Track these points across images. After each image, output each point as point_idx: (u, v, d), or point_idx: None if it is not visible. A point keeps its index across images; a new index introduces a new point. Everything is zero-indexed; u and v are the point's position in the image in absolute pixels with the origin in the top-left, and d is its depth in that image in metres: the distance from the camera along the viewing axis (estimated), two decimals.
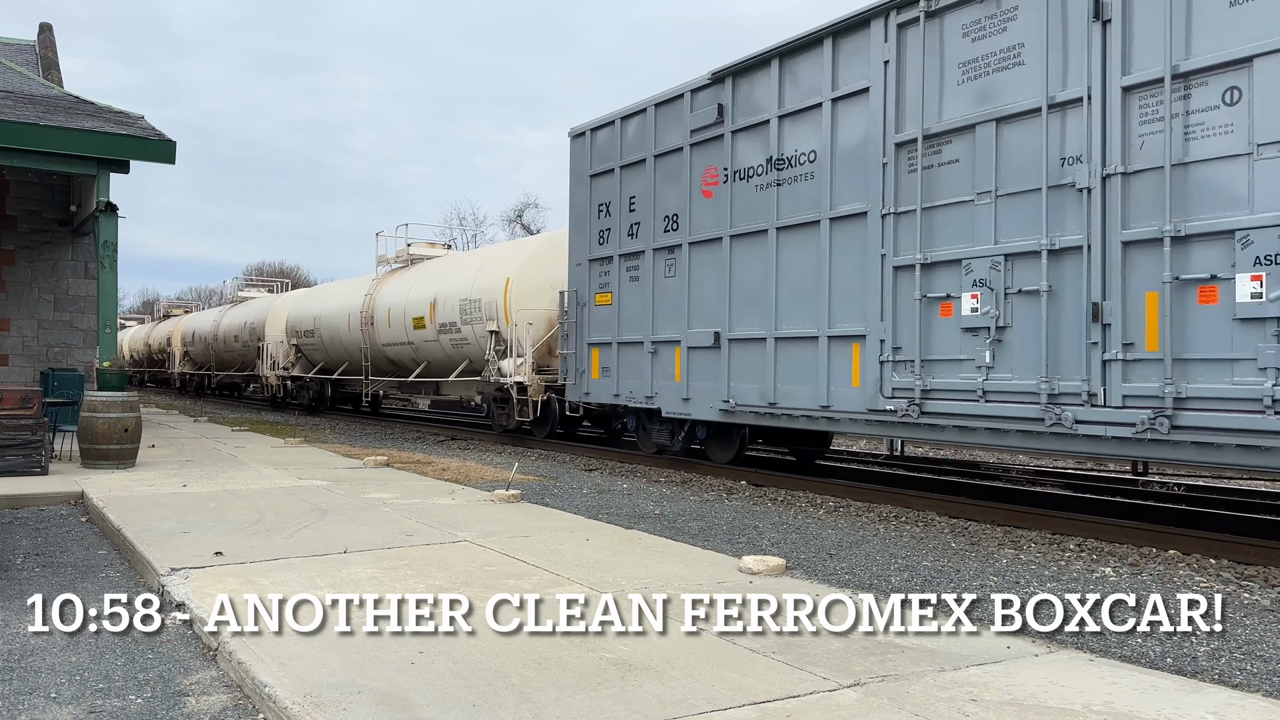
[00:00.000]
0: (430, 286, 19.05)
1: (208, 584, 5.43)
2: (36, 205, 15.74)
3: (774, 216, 10.36)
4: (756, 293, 10.59)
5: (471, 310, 17.18)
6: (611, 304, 13.00)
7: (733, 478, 11.71)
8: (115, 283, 12.84)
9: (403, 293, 20.24)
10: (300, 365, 26.14)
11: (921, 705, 3.70)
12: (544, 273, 15.99)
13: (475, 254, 19.74)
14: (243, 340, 30.66)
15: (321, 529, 7.30)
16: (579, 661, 4.16)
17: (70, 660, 4.46)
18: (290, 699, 3.64)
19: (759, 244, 10.58)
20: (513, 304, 16.01)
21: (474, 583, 5.56)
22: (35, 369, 15.34)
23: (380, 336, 20.92)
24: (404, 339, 19.91)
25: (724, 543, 7.32)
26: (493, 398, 16.95)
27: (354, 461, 12.49)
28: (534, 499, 9.32)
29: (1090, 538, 7.88)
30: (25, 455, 10.30)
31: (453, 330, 17.91)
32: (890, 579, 6.26)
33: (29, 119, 12.09)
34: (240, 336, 30.91)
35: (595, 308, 13.39)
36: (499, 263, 17.34)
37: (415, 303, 19.35)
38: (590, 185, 13.42)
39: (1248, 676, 4.34)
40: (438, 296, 18.52)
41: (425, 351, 19.26)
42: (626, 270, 12.74)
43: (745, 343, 10.75)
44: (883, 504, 9.69)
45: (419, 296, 19.28)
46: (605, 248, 13.16)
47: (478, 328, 16.98)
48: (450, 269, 19.36)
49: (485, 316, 16.71)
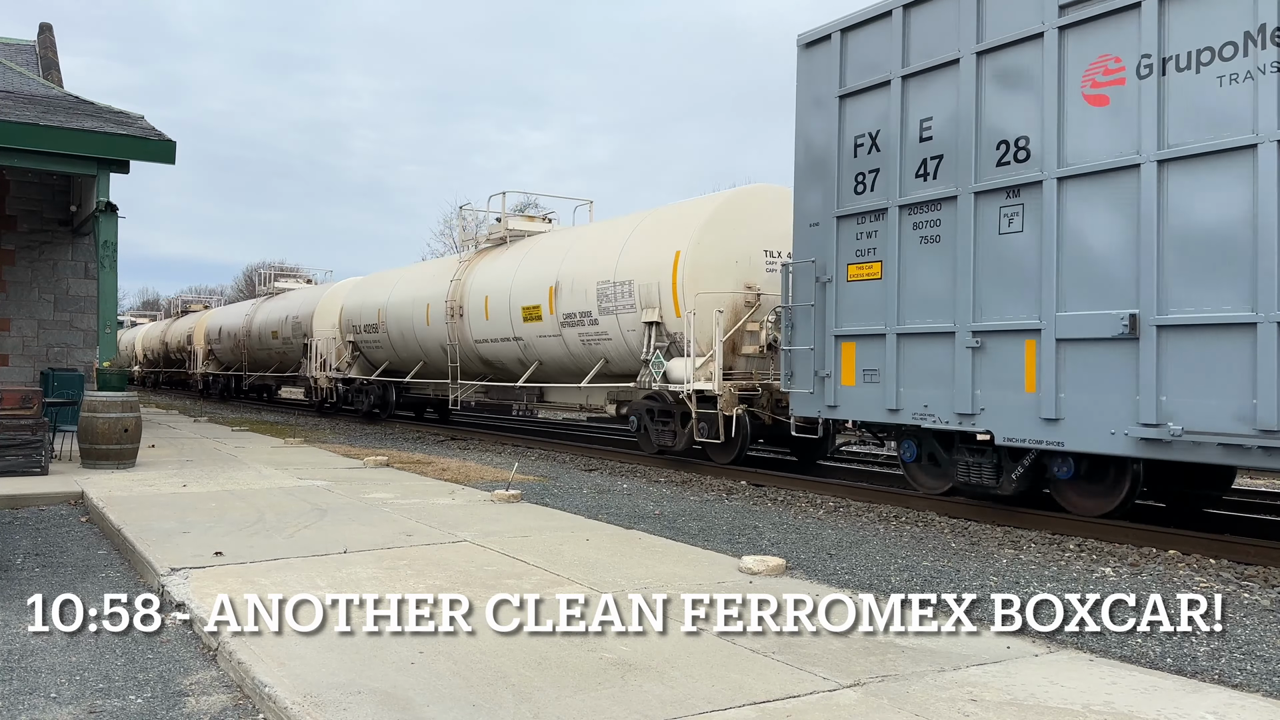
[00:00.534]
0: (546, 267, 15.09)
1: (208, 584, 5.43)
2: (36, 205, 15.74)
3: (1273, 120, 6.53)
4: (1221, 248, 6.82)
5: (617, 296, 13.38)
6: (881, 278, 9.22)
7: (733, 478, 11.71)
8: (115, 283, 12.84)
9: (504, 275, 16.31)
10: (358, 366, 22.43)
11: (921, 705, 3.70)
12: (728, 244, 12.33)
13: (612, 224, 15.06)
14: (283, 337, 26.81)
15: (321, 529, 7.30)
16: (579, 661, 4.16)
17: (70, 660, 4.46)
18: (290, 699, 3.64)
19: (1228, 168, 6.80)
20: (686, 286, 12.17)
21: (474, 583, 5.56)
22: (35, 369, 15.34)
23: (472, 331, 17.05)
24: (507, 334, 16.05)
25: (724, 543, 7.32)
26: (644, 410, 13.25)
27: (354, 461, 12.49)
28: (534, 499, 9.32)
29: (1090, 538, 7.88)
30: (25, 455, 10.30)
31: (584, 322, 14.13)
32: (890, 579, 6.26)
33: (29, 119, 12.09)
34: (280, 332, 27.08)
35: (848, 285, 9.53)
36: (661, 232, 13.22)
37: (525, 288, 15.42)
38: (839, 111, 9.65)
39: (1248, 676, 4.34)
40: (560, 279, 14.55)
41: (539, 350, 15.42)
42: (913, 227, 8.97)
43: (1197, 331, 6.92)
44: (883, 504, 9.69)
45: (530, 280, 15.36)
46: (869, 197, 9.36)
47: (627, 318, 13.29)
48: (575, 244, 15.11)
49: (641, 303, 12.92)
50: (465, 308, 17.28)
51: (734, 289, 12.22)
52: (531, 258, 15.97)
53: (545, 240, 16.56)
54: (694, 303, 11.98)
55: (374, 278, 23.72)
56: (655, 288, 12.72)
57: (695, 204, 13.68)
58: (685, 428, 12.37)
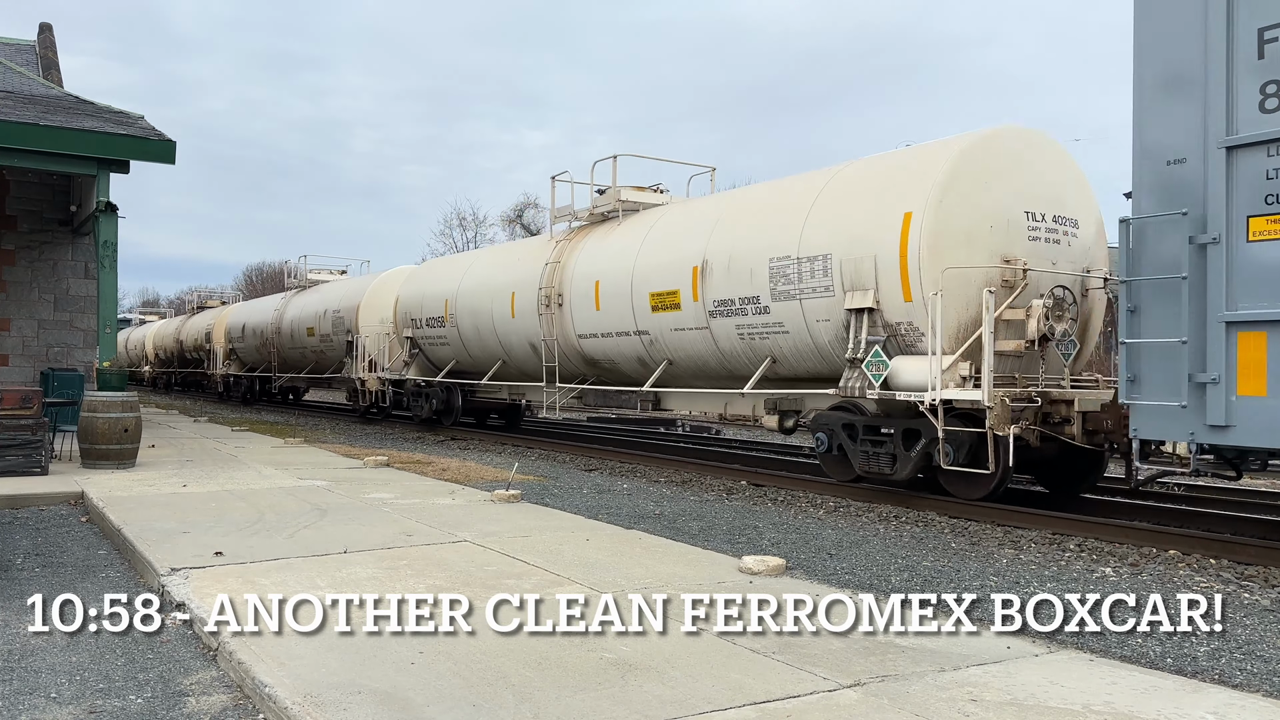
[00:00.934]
0: (685, 244, 12.19)
1: (208, 584, 5.43)
2: (36, 205, 15.74)
3: None
4: None
5: (801, 276, 10.28)
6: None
7: (733, 478, 11.71)
8: (115, 283, 12.83)
9: (622, 256, 13.29)
10: (417, 366, 19.28)
11: (921, 705, 3.70)
12: (977, 204, 9.28)
13: (779, 186, 11.91)
14: (321, 333, 23.68)
15: (321, 529, 7.30)
16: (579, 661, 4.16)
17: (70, 660, 4.46)
18: (290, 699, 3.64)
19: None
20: (924, 260, 9.12)
21: (474, 583, 5.56)
22: (35, 369, 15.34)
23: (575, 324, 14.13)
24: (625, 327, 13.10)
25: (724, 543, 7.33)
26: (839, 424, 10.11)
27: (354, 461, 12.49)
28: (534, 499, 9.32)
29: (1090, 538, 7.88)
30: (25, 455, 10.30)
31: (746, 311, 11.12)
32: (890, 579, 6.26)
33: (29, 119, 12.09)
34: (318, 329, 23.85)
35: (1253, 247, 6.52)
36: (870, 191, 10.05)
37: (654, 270, 12.57)
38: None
39: (1248, 676, 4.34)
40: (709, 258, 11.58)
41: (672, 346, 12.50)
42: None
43: None
44: (883, 504, 9.69)
45: (661, 260, 12.52)
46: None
47: (816, 305, 10.17)
48: (727, 213, 11.99)
49: (844, 284, 9.81)
50: (566, 296, 14.27)
51: (988, 263, 9.11)
52: (660, 233, 12.99)
53: (674, 213, 13.39)
54: (937, 282, 8.93)
55: (437, 264, 20.94)
56: (869, 263, 9.60)
57: (921, 152, 10.10)
58: (913, 450, 9.31)
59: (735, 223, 11.71)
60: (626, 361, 13.59)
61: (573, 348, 14.44)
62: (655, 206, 14.32)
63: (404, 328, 19.50)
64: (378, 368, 20.79)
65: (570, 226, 15.66)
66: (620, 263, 13.34)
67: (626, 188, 14.72)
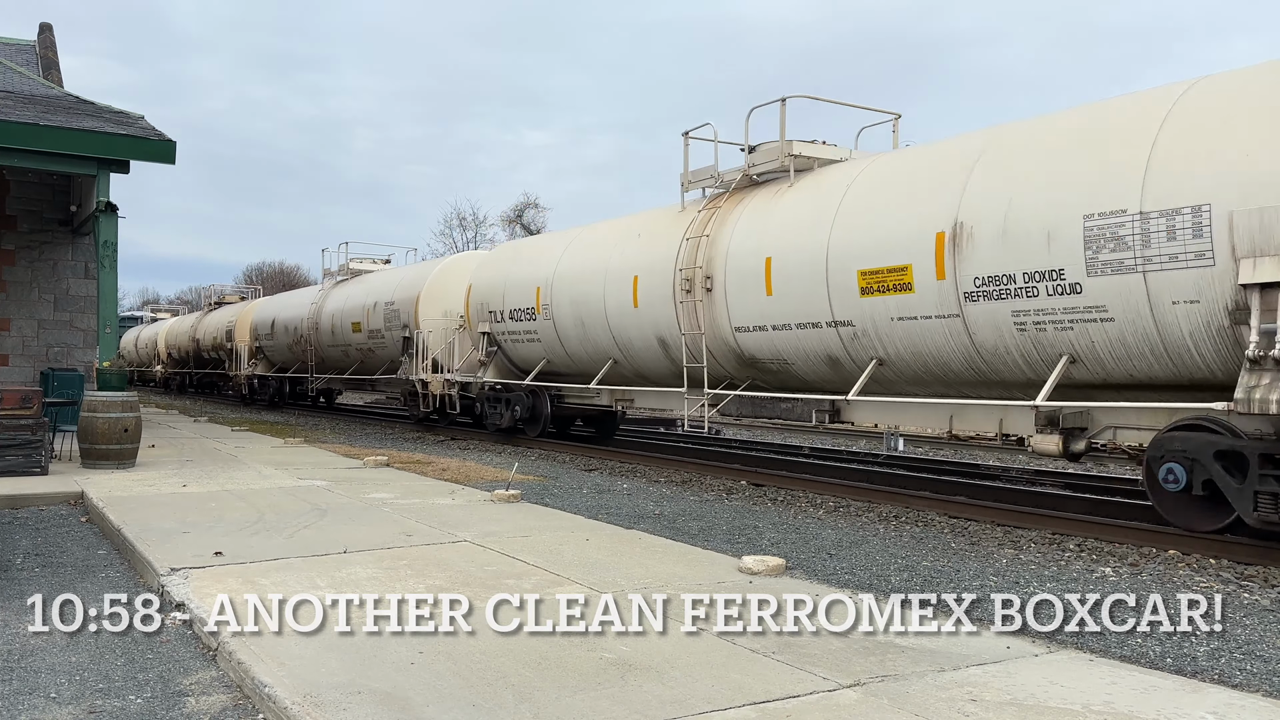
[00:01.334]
0: (916, 204, 9.17)
1: (207, 584, 5.43)
2: (36, 205, 15.74)
3: None
4: None
5: (1145, 238, 7.27)
6: None
7: (733, 478, 11.71)
8: (115, 283, 12.84)
9: (808, 224, 10.23)
10: (495, 366, 16.68)
11: (921, 705, 3.70)
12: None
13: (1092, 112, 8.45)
14: (371, 328, 20.94)
15: (321, 529, 7.30)
16: (579, 661, 4.16)
17: (70, 660, 4.46)
18: (290, 699, 3.64)
19: None
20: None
21: (474, 583, 5.56)
22: (35, 369, 15.34)
23: (732, 313, 11.11)
24: (815, 315, 10.06)
25: (724, 543, 7.33)
26: (1212, 452, 7.04)
27: (354, 461, 12.49)
28: (534, 499, 9.32)
29: (1090, 538, 7.88)
30: (25, 455, 10.30)
31: (1033, 290, 8.09)
32: (890, 579, 6.26)
33: (29, 119, 12.09)
34: (367, 323, 21.12)
35: None
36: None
37: (863, 242, 9.56)
38: None
39: (1248, 676, 4.34)
40: (966, 220, 8.56)
41: (888, 339, 9.51)
42: None
43: None
44: (883, 504, 9.69)
45: (875, 228, 9.52)
46: None
47: (1171, 279, 7.19)
48: (983, 155, 8.79)
49: (1238, 246, 6.77)
50: (718, 279, 11.31)
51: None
52: (864, 193, 9.86)
53: (883, 167, 10.16)
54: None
55: (522, 245, 18.38)
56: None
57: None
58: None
59: (1008, 167, 8.51)
60: (806, 361, 10.57)
61: (725, 344, 11.49)
62: (837, 163, 11.23)
63: (479, 321, 16.81)
64: (443, 368, 18.03)
65: (704, 194, 12.66)
66: (804, 234, 10.26)
67: (799, 141, 11.37)
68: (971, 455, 15.51)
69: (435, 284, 18.95)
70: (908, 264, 9.10)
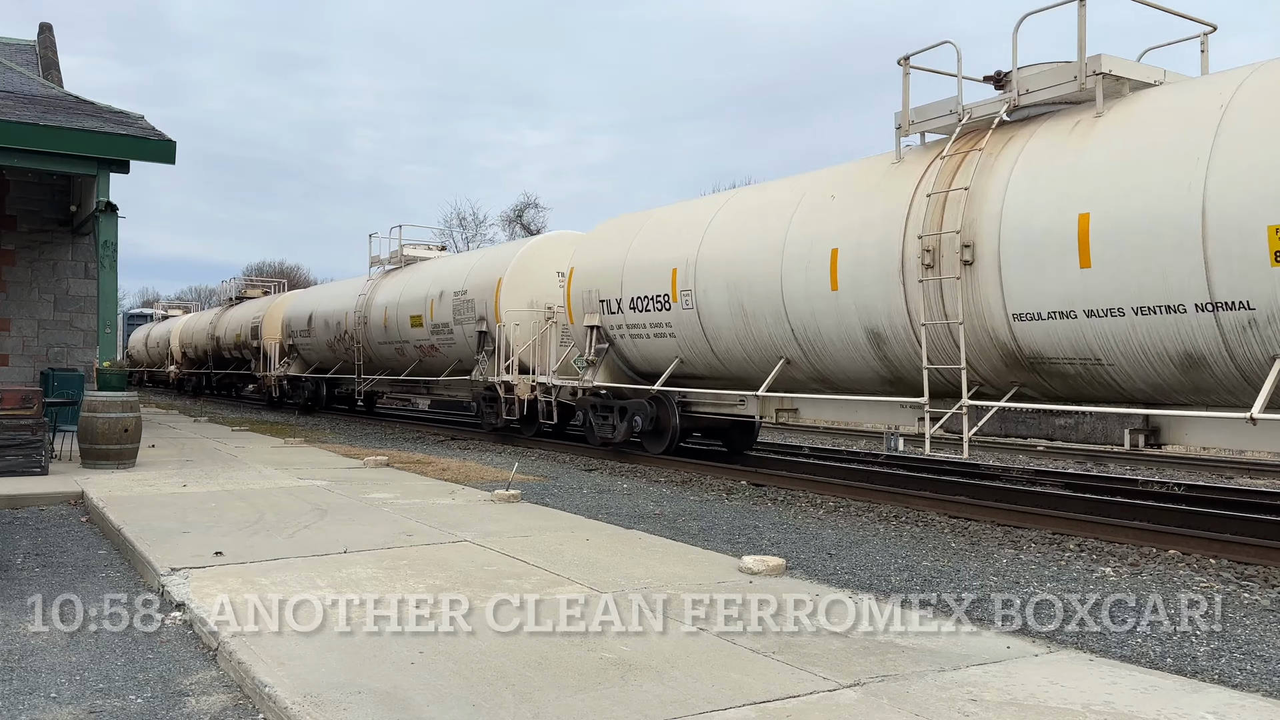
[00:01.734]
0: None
1: (208, 584, 5.43)
2: (36, 205, 15.74)
3: None
4: None
5: None
6: None
7: (733, 478, 11.71)
8: (115, 283, 12.84)
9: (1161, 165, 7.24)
10: (606, 368, 13.69)
11: (921, 705, 3.70)
12: None
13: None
14: (436, 322, 18.05)
15: (321, 529, 7.30)
16: (579, 661, 4.16)
17: (70, 660, 4.46)
18: (290, 699, 3.64)
19: None
20: None
21: (474, 583, 5.57)
22: (35, 369, 15.35)
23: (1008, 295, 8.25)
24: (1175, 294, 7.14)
25: (724, 543, 7.33)
26: None
27: (354, 461, 12.49)
28: (534, 499, 9.32)
29: (1090, 538, 7.88)
30: (25, 455, 10.30)
31: None
32: (890, 579, 6.26)
33: (29, 119, 12.09)
34: (431, 316, 18.24)
35: None
36: None
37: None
38: None
39: (1248, 676, 4.34)
40: None
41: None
42: None
43: None
44: (883, 504, 9.69)
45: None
46: None
47: None
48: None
49: None
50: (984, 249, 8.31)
51: None
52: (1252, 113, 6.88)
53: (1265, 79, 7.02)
54: None
55: (645, 218, 13.68)
56: None
57: None
58: None
59: None
60: (1136, 361, 7.65)
61: (990, 337, 8.53)
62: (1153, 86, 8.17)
63: (584, 313, 13.70)
64: (534, 369, 15.53)
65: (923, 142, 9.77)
66: (1153, 178, 7.24)
67: (1107, 56, 8.09)
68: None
69: (520, 269, 16.15)
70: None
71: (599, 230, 14.81)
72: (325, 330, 23.37)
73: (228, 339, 31.45)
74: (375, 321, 20.68)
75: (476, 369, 16.76)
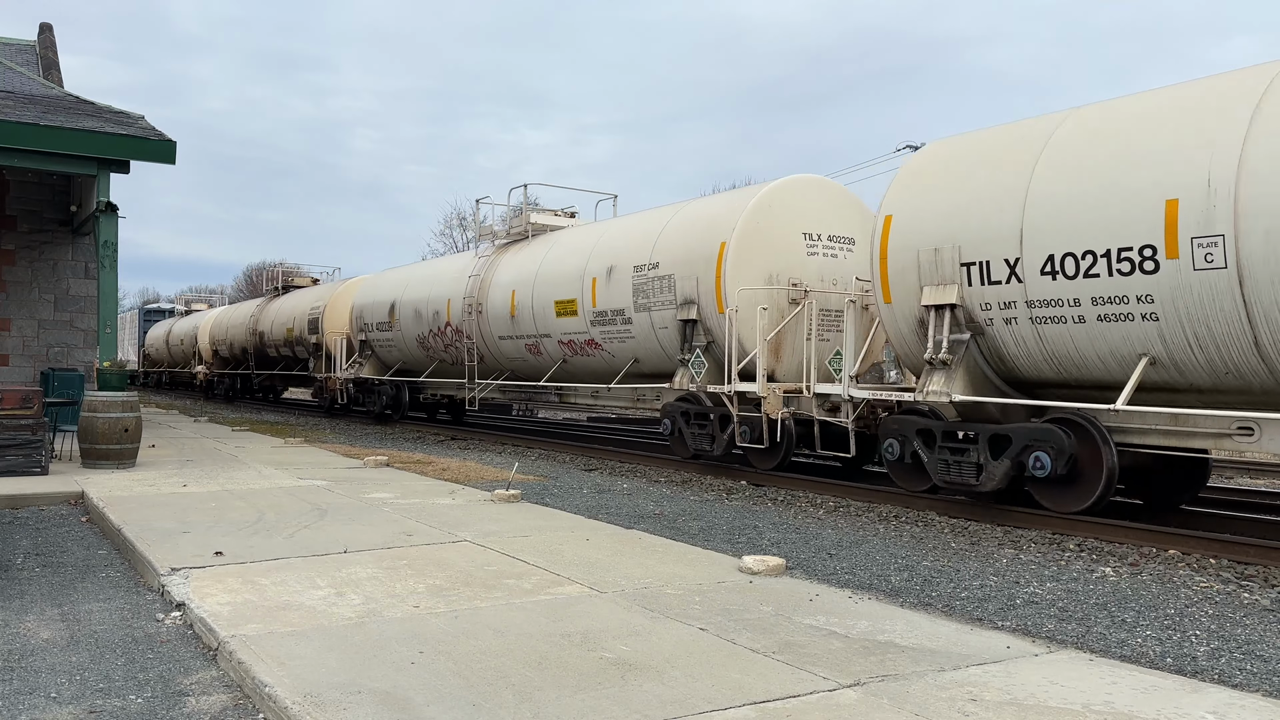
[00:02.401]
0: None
1: (208, 584, 5.44)
2: (36, 205, 15.74)
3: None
4: None
5: None
6: None
7: (733, 478, 11.71)
8: (115, 283, 12.83)
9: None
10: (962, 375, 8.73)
11: (921, 705, 3.70)
12: None
13: None
14: (605, 310, 13.47)
15: (321, 529, 7.30)
16: (579, 661, 4.16)
17: (70, 660, 4.46)
18: (290, 699, 3.64)
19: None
20: None
21: (474, 582, 5.57)
22: (35, 369, 15.35)
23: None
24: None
25: (724, 543, 7.33)
26: None
27: (354, 461, 12.49)
28: (534, 499, 9.32)
29: (1090, 537, 7.88)
30: (25, 455, 10.30)
31: None
32: (890, 579, 6.26)
33: (29, 119, 12.09)
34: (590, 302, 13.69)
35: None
36: None
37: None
38: None
39: (1248, 676, 4.34)
40: None
41: None
42: None
43: None
44: (883, 504, 9.69)
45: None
46: None
47: None
48: None
49: None
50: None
51: None
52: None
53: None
54: None
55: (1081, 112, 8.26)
56: None
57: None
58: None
59: None
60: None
61: None
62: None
63: (924, 285, 8.98)
64: (771, 375, 11.09)
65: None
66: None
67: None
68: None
69: (751, 230, 11.33)
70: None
71: (949, 146, 9.42)
72: (415, 322, 19.03)
73: (275, 334, 26.43)
74: (496, 310, 16.23)
75: (681, 374, 12.23)
